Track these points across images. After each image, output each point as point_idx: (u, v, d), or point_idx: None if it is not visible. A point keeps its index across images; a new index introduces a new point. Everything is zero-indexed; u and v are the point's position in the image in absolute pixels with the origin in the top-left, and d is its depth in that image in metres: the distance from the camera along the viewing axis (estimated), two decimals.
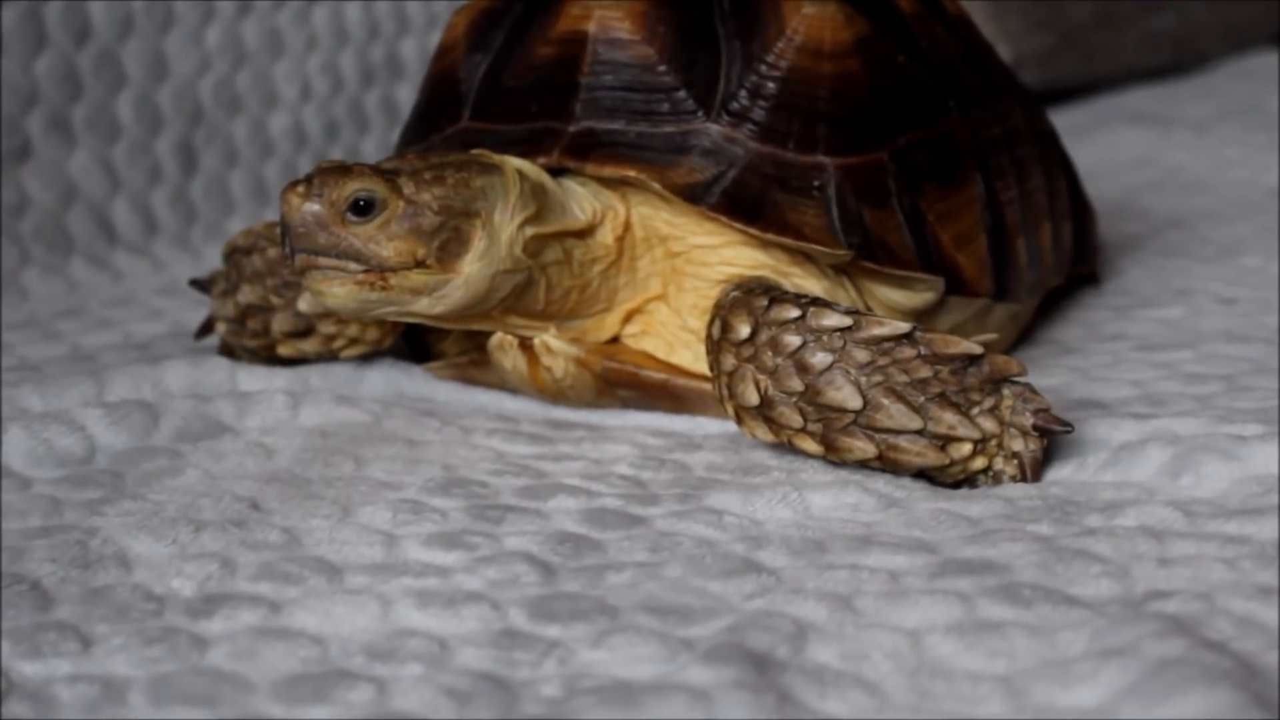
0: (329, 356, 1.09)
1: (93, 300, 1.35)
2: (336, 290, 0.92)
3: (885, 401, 0.90)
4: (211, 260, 1.42)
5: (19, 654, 0.71)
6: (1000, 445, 0.91)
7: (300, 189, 0.92)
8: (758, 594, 0.76)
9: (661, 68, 1.02)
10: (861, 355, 0.91)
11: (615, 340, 1.03)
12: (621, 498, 0.89)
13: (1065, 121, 1.26)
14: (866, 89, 1.03)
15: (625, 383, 1.02)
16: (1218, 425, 0.94)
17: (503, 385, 1.05)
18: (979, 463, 0.91)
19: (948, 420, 0.90)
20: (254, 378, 1.08)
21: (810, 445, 0.92)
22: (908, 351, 0.91)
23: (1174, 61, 2.30)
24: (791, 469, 0.93)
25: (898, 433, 0.90)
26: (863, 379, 0.90)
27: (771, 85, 1.01)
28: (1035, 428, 0.90)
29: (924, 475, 0.92)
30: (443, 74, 1.10)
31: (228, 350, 1.12)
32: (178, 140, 1.52)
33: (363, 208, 0.91)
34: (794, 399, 0.92)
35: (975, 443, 0.90)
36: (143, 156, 1.49)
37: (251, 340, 1.09)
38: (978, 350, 0.91)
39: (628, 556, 0.81)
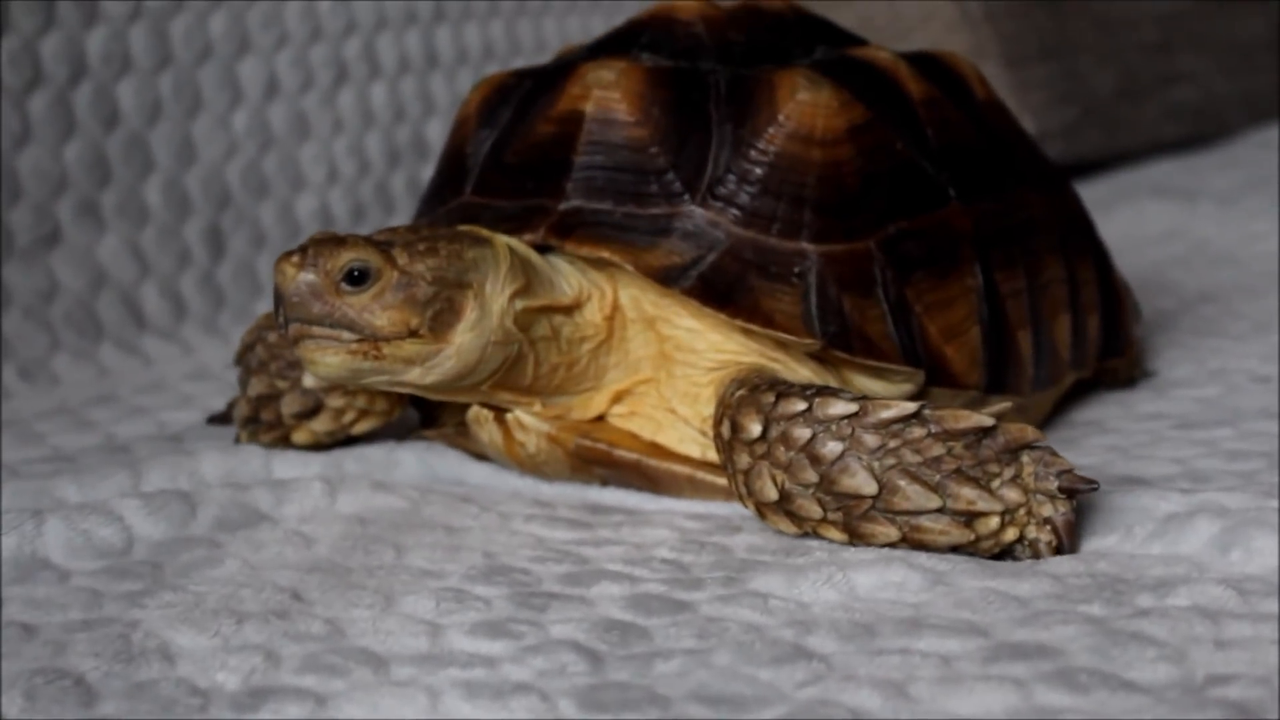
0: (341, 435, 1.09)
1: (123, 387, 1.34)
2: (330, 359, 0.94)
3: (901, 483, 0.90)
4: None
5: None
6: (1030, 514, 0.90)
7: (295, 259, 0.93)
8: (809, 682, 0.75)
9: (653, 149, 1.03)
10: (871, 440, 0.91)
11: (601, 418, 1.04)
12: (665, 582, 0.88)
13: (1089, 195, 1.25)
14: (857, 176, 1.03)
15: (598, 460, 1.02)
16: (1265, 500, 0.93)
17: (486, 454, 1.06)
18: (1010, 534, 0.90)
19: (966, 495, 0.89)
20: (289, 465, 1.07)
21: (835, 534, 0.92)
22: (918, 431, 0.90)
23: (1196, 133, 2.30)
24: (833, 548, 0.92)
25: (917, 513, 0.90)
26: (875, 464, 0.90)
27: (758, 170, 1.01)
28: (1061, 489, 0.90)
29: (960, 549, 0.91)
30: (454, 148, 1.12)
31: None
32: (206, 224, 1.52)
33: (357, 278, 0.93)
34: (811, 490, 0.92)
35: (1002, 515, 0.90)
36: (171, 241, 1.49)
37: (267, 435, 1.10)
38: (989, 422, 0.90)
39: (675, 644, 0.80)
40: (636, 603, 0.85)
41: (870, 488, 0.90)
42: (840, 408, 0.91)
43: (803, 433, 0.92)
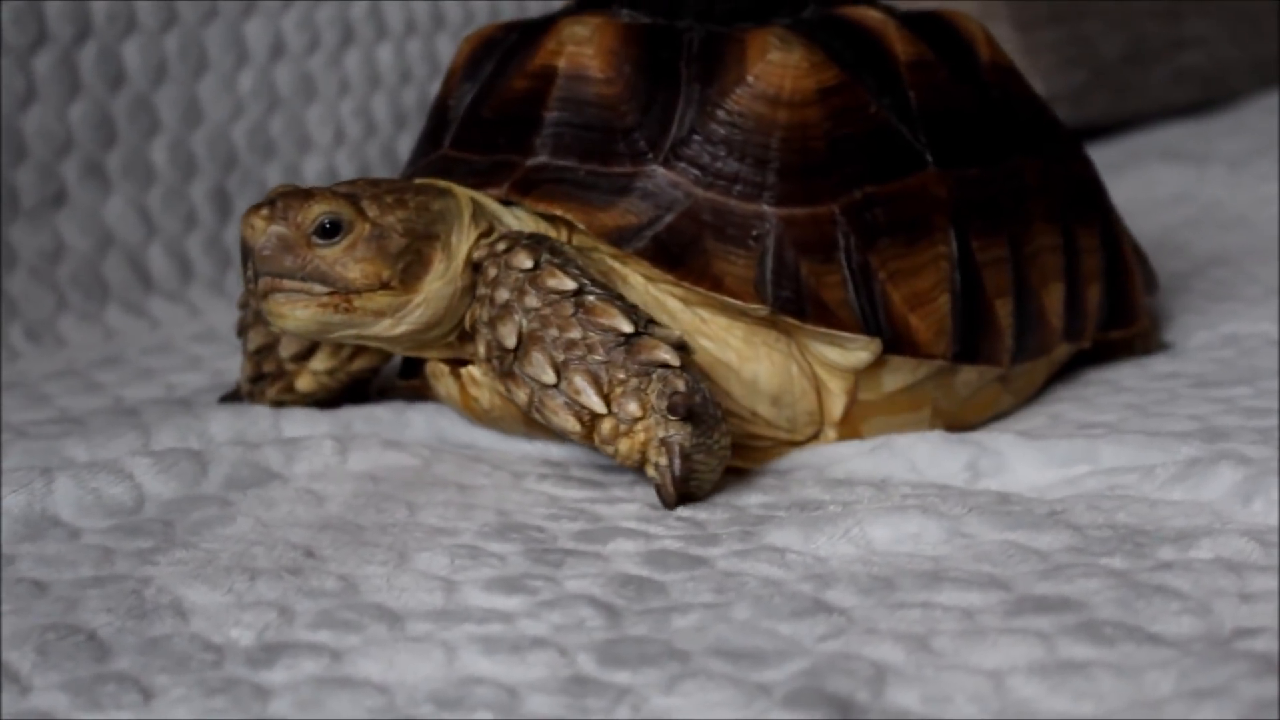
0: (343, 376, 1.10)
1: (130, 348, 1.34)
2: (300, 313, 0.94)
3: (533, 349, 0.93)
4: None
5: (79, 706, 0.70)
6: (650, 434, 0.92)
7: (264, 212, 0.93)
8: (831, 635, 0.74)
9: (621, 108, 1.02)
10: (532, 301, 0.94)
11: None
12: (681, 539, 0.88)
13: (1100, 158, 1.24)
14: (824, 139, 1.01)
15: None
16: None
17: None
18: (625, 445, 0.92)
19: (576, 384, 0.92)
20: (298, 424, 1.07)
21: (490, 378, 0.98)
22: (568, 310, 0.93)
23: (1204, 97, 2.29)
24: (846, 501, 0.92)
25: (541, 384, 0.93)
26: (524, 322, 0.94)
27: (722, 131, 1.00)
28: (669, 409, 0.91)
29: (590, 448, 0.95)
30: (440, 100, 1.12)
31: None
32: (212, 186, 1.51)
33: (329, 230, 0.93)
34: (485, 330, 0.96)
35: (619, 422, 0.92)
36: (178, 202, 1.48)
37: (273, 388, 1.10)
38: (627, 328, 0.92)
39: (693, 598, 0.80)
40: (652, 558, 0.85)
41: (511, 340, 0.94)
42: (523, 260, 0.95)
43: (491, 272, 0.96)
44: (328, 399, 1.10)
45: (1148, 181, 1.84)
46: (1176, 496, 0.89)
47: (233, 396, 1.14)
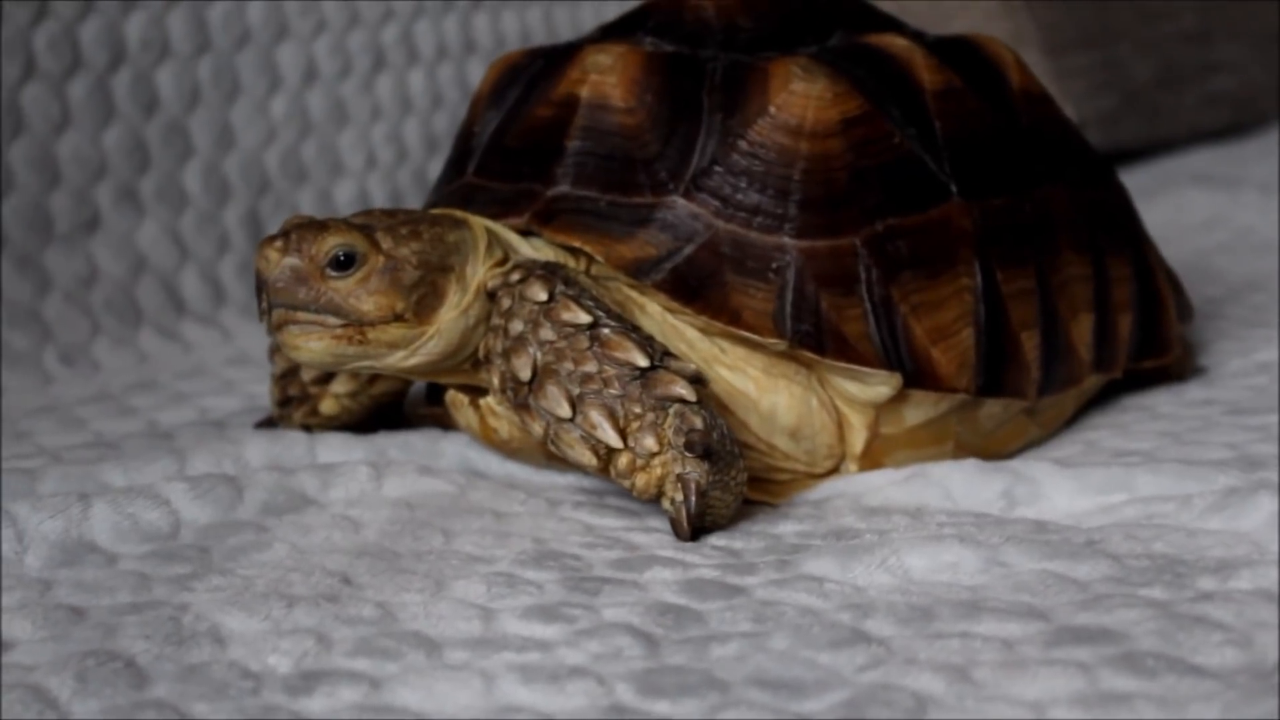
0: (365, 400, 1.10)
1: (164, 372, 1.34)
2: (314, 345, 0.94)
3: (547, 382, 0.92)
4: None
5: None
6: (667, 469, 0.91)
7: (278, 244, 0.93)
8: (870, 666, 0.74)
9: (643, 137, 1.02)
10: (547, 333, 0.93)
11: None
12: (717, 567, 0.87)
13: (1131, 183, 1.23)
14: (846, 171, 1.00)
15: None
16: None
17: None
18: (642, 480, 0.92)
19: (592, 418, 0.91)
20: (333, 450, 1.07)
21: (507, 410, 0.96)
22: (583, 343, 0.92)
23: (1234, 122, 2.28)
24: (882, 530, 0.92)
25: (556, 417, 0.92)
26: (539, 354, 0.93)
27: (744, 162, 1.00)
28: (686, 446, 0.90)
29: (607, 480, 0.94)
30: (465, 127, 1.12)
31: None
32: (245, 210, 1.52)
33: (343, 262, 0.93)
34: (498, 360, 0.95)
35: (635, 457, 0.91)
36: (210, 226, 1.49)
37: (299, 412, 1.10)
38: (643, 362, 0.92)
39: (731, 627, 0.79)
40: (690, 587, 0.84)
41: (526, 374, 0.94)
42: (538, 292, 0.94)
43: (505, 303, 0.95)
44: (354, 422, 1.11)
45: (1179, 206, 1.84)
46: (1215, 526, 0.89)
47: (267, 423, 1.14)
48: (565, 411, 0.92)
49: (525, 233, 1.02)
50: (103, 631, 0.79)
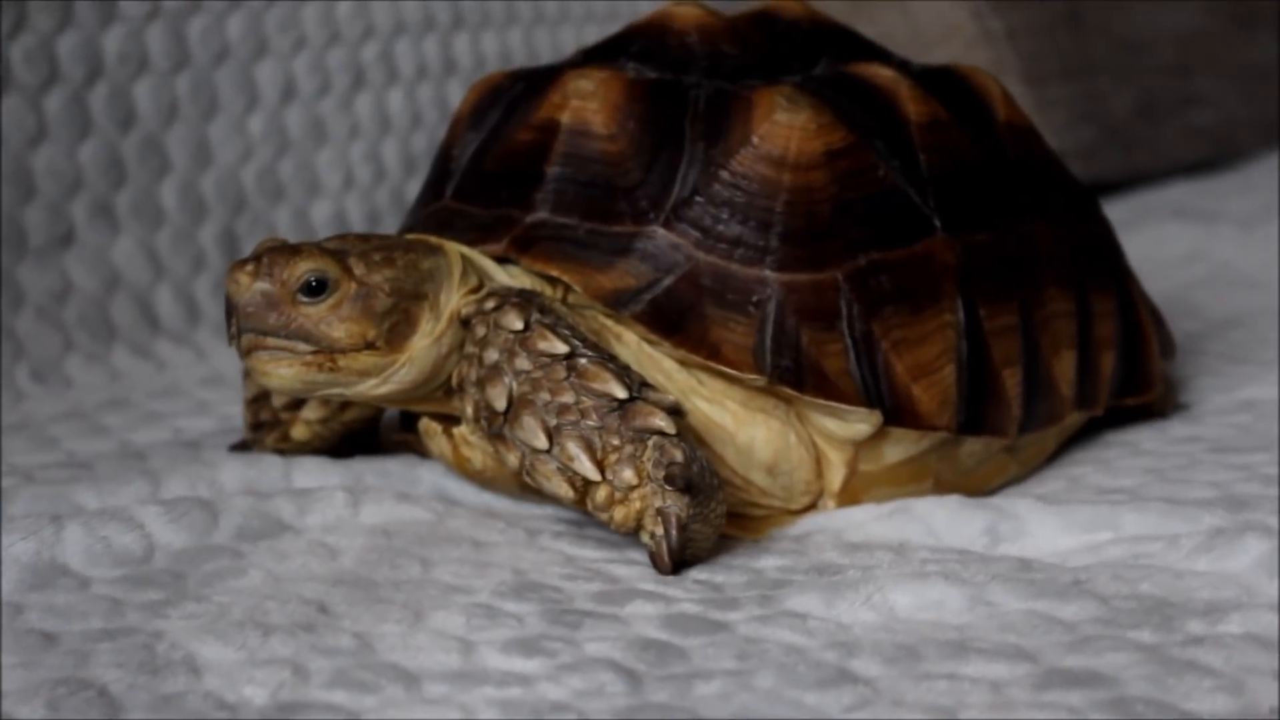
0: (336, 426, 1.08)
1: (137, 391, 1.32)
2: (283, 371, 0.93)
3: (523, 413, 0.91)
4: None
5: None
6: (646, 502, 0.90)
7: (249, 268, 0.92)
8: (857, 707, 0.73)
9: (624, 165, 1.00)
10: (522, 363, 0.92)
11: None
12: (700, 602, 0.86)
13: (1110, 215, 1.22)
14: (830, 204, 0.99)
15: None
16: None
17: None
18: (620, 514, 0.90)
19: (569, 450, 0.90)
20: (309, 474, 1.05)
21: (481, 439, 0.95)
22: (560, 373, 0.91)
23: (1213, 155, 2.28)
24: (865, 566, 0.91)
25: (533, 448, 0.91)
26: (514, 384, 0.92)
27: (726, 193, 0.99)
28: (666, 479, 0.89)
29: (584, 513, 0.93)
30: (444, 149, 1.11)
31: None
32: (221, 228, 1.50)
33: (314, 288, 0.92)
34: (471, 390, 0.94)
35: (613, 490, 0.90)
36: (186, 244, 1.47)
37: (270, 436, 1.09)
38: (621, 394, 0.91)
39: (715, 664, 0.78)
40: (672, 622, 0.83)
41: (501, 404, 0.92)
42: (513, 321, 0.93)
43: (480, 331, 0.94)
44: (326, 448, 1.09)
45: (1158, 240, 1.83)
46: (1202, 568, 0.88)
47: (242, 446, 1.13)
48: (542, 443, 0.91)
49: (502, 259, 1.00)
50: (75, 659, 0.78)
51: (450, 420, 1.00)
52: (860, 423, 0.97)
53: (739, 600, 0.87)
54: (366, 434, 1.11)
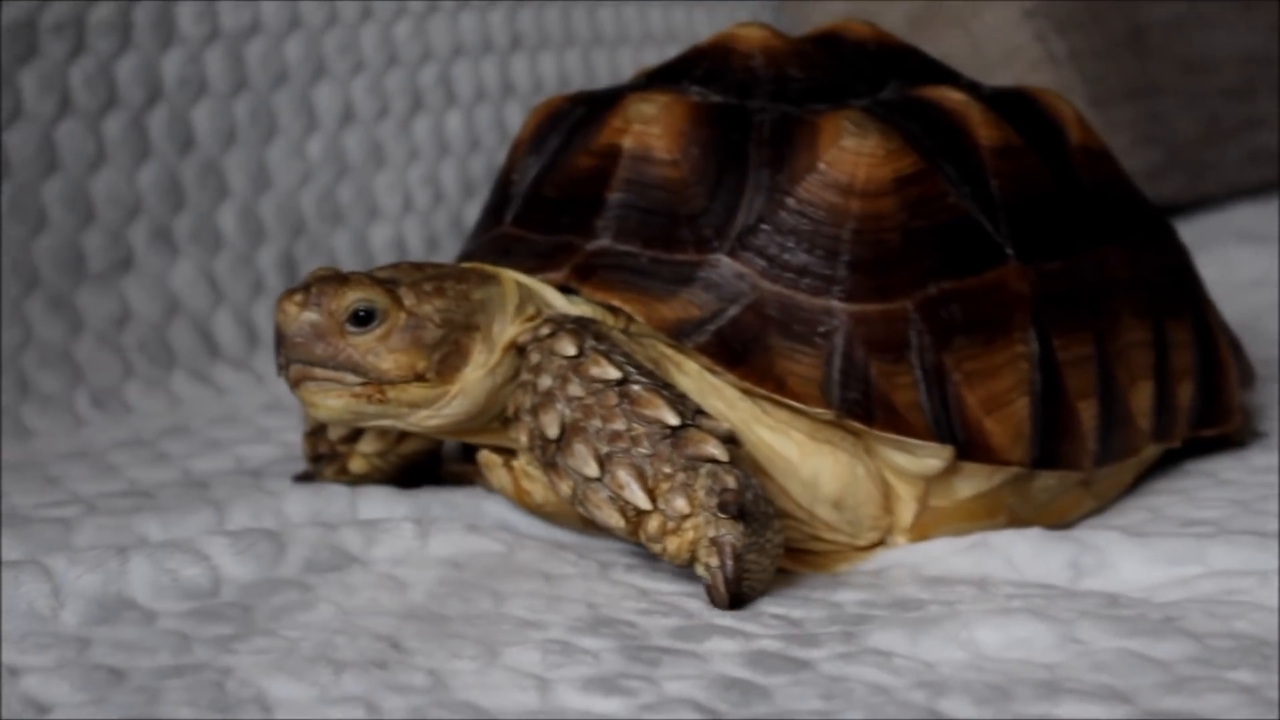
0: (394, 458, 1.06)
1: (197, 418, 1.31)
2: (332, 402, 0.92)
3: (575, 440, 0.89)
4: None
5: None
6: (699, 532, 0.87)
7: (298, 298, 0.91)
8: None
9: (687, 191, 0.98)
10: (575, 390, 0.90)
11: None
12: (780, 639, 0.84)
13: None
14: (899, 231, 0.97)
15: None
16: None
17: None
18: (673, 544, 0.88)
19: (620, 478, 0.88)
20: (375, 505, 1.03)
21: (539, 470, 0.93)
22: (612, 399, 0.89)
23: (1277, 178, 2.25)
24: (947, 601, 0.89)
25: (584, 477, 0.89)
26: (566, 411, 0.90)
27: (792, 220, 0.96)
28: (720, 507, 0.86)
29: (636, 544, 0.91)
30: (504, 173, 1.09)
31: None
32: (280, 252, 1.49)
33: (363, 318, 0.91)
34: (525, 417, 0.92)
35: (666, 519, 0.88)
36: (245, 268, 1.46)
37: (330, 468, 1.08)
38: (673, 421, 0.88)
39: (800, 704, 0.76)
40: (753, 659, 0.81)
41: (554, 431, 0.90)
42: (566, 347, 0.91)
43: (534, 358, 0.92)
44: (385, 480, 1.07)
45: (1225, 264, 1.80)
46: None
47: (306, 476, 1.11)
48: (593, 470, 0.89)
49: (564, 288, 0.99)
50: (145, 696, 0.76)
51: (509, 453, 0.98)
52: (931, 458, 0.95)
53: (819, 637, 0.84)
54: (427, 465, 1.09)
